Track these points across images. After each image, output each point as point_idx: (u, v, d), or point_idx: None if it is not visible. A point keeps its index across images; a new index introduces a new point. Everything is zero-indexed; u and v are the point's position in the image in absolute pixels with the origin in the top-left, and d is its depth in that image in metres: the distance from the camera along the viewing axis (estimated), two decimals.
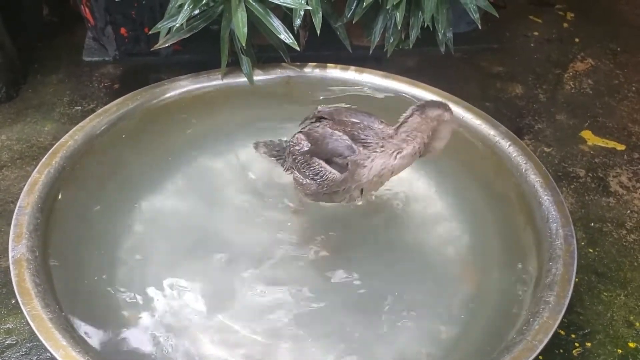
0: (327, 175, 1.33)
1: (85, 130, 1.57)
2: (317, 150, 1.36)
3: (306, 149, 1.39)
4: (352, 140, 1.34)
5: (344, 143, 1.33)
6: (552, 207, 1.42)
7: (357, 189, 1.37)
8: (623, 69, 2.43)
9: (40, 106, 2.08)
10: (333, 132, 1.36)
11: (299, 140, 1.41)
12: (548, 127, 2.13)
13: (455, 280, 1.49)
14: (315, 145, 1.37)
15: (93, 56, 1.96)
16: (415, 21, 1.80)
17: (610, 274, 1.66)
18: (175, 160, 1.71)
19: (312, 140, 1.39)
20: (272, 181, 1.67)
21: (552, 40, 2.58)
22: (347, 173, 1.33)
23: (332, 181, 1.33)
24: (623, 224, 1.80)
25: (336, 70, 1.84)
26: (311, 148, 1.37)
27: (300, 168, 1.39)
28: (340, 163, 1.34)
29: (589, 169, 1.97)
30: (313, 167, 1.35)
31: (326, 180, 1.33)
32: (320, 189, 1.36)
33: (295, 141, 1.43)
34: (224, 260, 1.51)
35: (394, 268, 1.51)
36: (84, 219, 1.49)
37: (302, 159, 1.38)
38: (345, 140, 1.34)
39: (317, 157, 1.36)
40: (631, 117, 2.19)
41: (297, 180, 1.42)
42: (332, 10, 1.86)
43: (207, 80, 1.79)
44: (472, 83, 2.28)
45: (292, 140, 1.44)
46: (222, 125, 1.78)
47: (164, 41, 1.74)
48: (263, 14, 1.70)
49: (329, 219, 1.59)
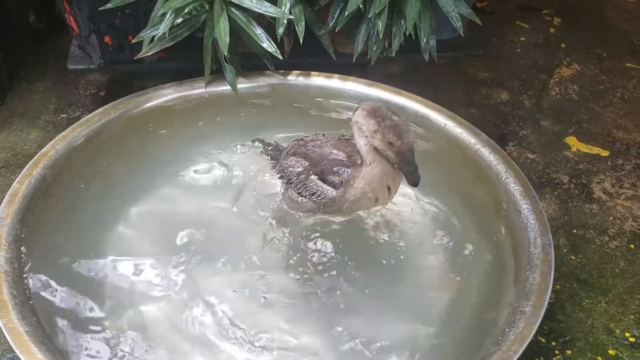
0: (326, 193, 1.36)
1: (67, 139, 1.57)
2: (315, 170, 1.39)
3: (300, 170, 1.41)
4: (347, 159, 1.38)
5: (340, 163, 1.37)
6: (530, 215, 1.43)
7: (348, 208, 1.38)
8: (608, 74, 2.44)
9: (26, 114, 2.09)
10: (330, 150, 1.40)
11: (292, 162, 1.45)
12: (533, 134, 2.13)
13: (434, 289, 1.50)
14: (311, 164, 1.40)
15: (78, 64, 1.96)
16: (397, 29, 1.81)
17: (591, 281, 1.67)
18: (159, 168, 1.71)
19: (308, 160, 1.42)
20: (256, 188, 1.68)
21: (538, 45, 2.59)
22: (340, 191, 1.36)
23: (328, 199, 1.36)
24: (605, 231, 1.81)
25: (320, 78, 1.84)
26: (307, 167, 1.40)
27: (295, 189, 1.41)
28: (335, 181, 1.37)
29: (572, 175, 1.98)
30: (309, 187, 1.38)
31: (323, 199, 1.36)
32: (316, 207, 1.39)
33: (289, 163, 1.45)
34: (208, 268, 1.51)
35: (375, 276, 1.51)
36: (66, 229, 1.49)
37: (297, 180, 1.41)
38: (341, 160, 1.38)
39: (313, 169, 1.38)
40: (615, 123, 2.20)
41: (292, 198, 1.43)
42: (315, 18, 1.87)
43: (190, 88, 1.80)
44: (457, 89, 2.29)
45: (286, 163, 1.46)
46: (205, 133, 1.78)
47: (147, 50, 1.74)
48: (246, 23, 1.71)
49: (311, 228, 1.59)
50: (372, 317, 1.44)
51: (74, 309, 1.36)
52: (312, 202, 1.40)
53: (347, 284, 1.50)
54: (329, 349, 1.37)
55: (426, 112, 1.73)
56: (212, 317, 1.42)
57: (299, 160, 1.44)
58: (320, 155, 1.40)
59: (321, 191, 1.36)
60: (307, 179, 1.39)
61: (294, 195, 1.43)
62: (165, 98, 1.76)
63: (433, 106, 1.74)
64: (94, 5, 1.76)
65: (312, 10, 1.86)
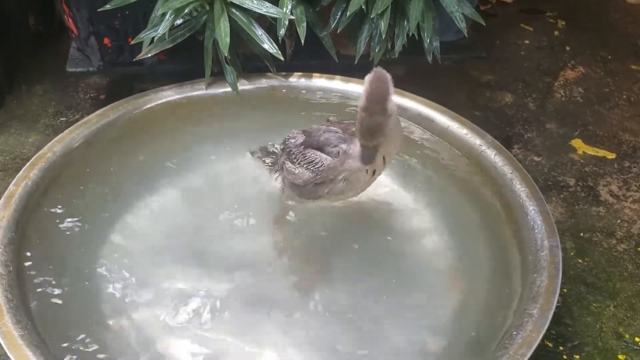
0: (322, 161, 1.36)
1: (64, 142, 1.55)
2: (311, 141, 1.41)
3: (301, 141, 1.43)
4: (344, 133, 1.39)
5: (336, 135, 1.38)
6: (537, 217, 1.40)
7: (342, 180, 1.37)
8: (614, 77, 2.42)
9: (25, 117, 2.07)
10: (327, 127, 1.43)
11: (294, 134, 1.47)
12: (538, 136, 2.11)
13: (442, 292, 1.47)
14: (309, 136, 1.42)
15: (77, 67, 1.94)
16: (400, 30, 1.79)
17: (599, 285, 1.64)
18: (158, 171, 1.68)
19: (306, 134, 1.45)
20: (257, 192, 1.65)
21: (542, 48, 2.57)
22: (338, 160, 1.35)
23: (326, 167, 1.36)
24: (613, 234, 1.78)
25: (322, 79, 1.82)
26: (305, 139, 1.42)
27: (294, 160, 1.42)
28: (332, 152, 1.38)
29: (579, 178, 1.95)
30: (307, 157, 1.39)
31: (320, 166, 1.36)
32: (313, 177, 1.38)
33: (291, 135, 1.48)
34: (205, 275, 1.48)
35: (380, 280, 1.48)
36: (63, 232, 1.46)
37: (297, 151, 1.42)
38: (337, 133, 1.38)
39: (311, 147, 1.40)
40: (622, 125, 2.17)
41: (289, 170, 1.43)
42: (317, 19, 1.84)
43: (191, 90, 1.77)
44: (461, 92, 2.26)
45: (287, 135, 1.49)
46: (206, 135, 1.76)
47: (147, 51, 1.72)
48: (246, 24, 1.68)
49: (313, 230, 1.57)
50: (377, 325, 1.41)
51: (70, 314, 1.33)
52: (309, 171, 1.39)
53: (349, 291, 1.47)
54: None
55: (430, 114, 1.71)
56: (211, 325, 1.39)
57: (299, 133, 1.46)
58: (319, 129, 1.42)
59: (319, 159, 1.37)
60: (305, 149, 1.41)
61: (292, 167, 1.42)
62: (166, 100, 1.74)
63: (436, 107, 1.72)
64: (93, 7, 1.73)
65: (313, 11, 1.84)
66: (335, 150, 1.36)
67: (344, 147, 1.35)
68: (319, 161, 1.37)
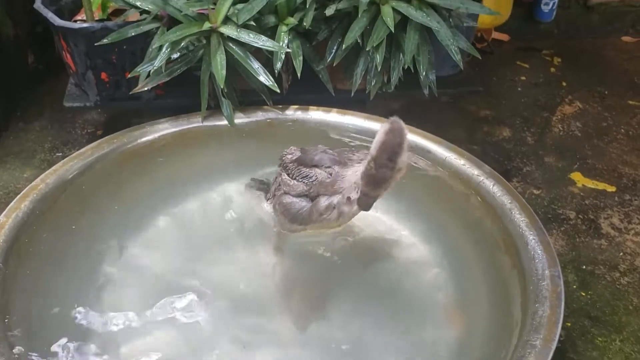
0: (316, 175, 1.37)
1: (58, 173, 1.53)
2: (305, 159, 1.42)
3: (296, 158, 1.45)
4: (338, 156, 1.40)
5: (331, 157, 1.39)
6: (537, 247, 1.37)
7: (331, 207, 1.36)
8: (611, 111, 2.42)
9: (21, 153, 2.06)
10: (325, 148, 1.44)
11: (291, 150, 1.49)
12: (537, 170, 2.09)
13: (442, 326, 1.43)
14: (304, 154, 1.45)
15: (74, 102, 1.94)
16: (396, 63, 1.79)
17: (604, 318, 1.59)
18: (153, 204, 1.66)
19: (302, 151, 1.47)
20: (251, 224, 1.62)
21: (539, 84, 2.58)
22: (330, 179, 1.35)
23: (318, 182, 1.37)
24: (616, 267, 1.74)
25: (318, 112, 1.82)
26: (300, 156, 1.44)
27: (289, 173, 1.44)
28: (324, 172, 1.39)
29: (579, 210, 1.93)
30: (302, 171, 1.40)
31: (314, 180, 1.37)
32: (307, 189, 1.39)
33: (288, 150, 1.50)
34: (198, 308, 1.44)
35: (378, 314, 1.44)
36: (53, 263, 1.43)
37: (292, 166, 1.43)
38: (332, 156, 1.39)
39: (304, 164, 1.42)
40: (621, 159, 2.16)
41: (285, 182, 1.44)
42: (313, 54, 1.86)
43: (187, 123, 1.77)
44: (458, 126, 2.26)
45: (285, 151, 1.51)
46: (201, 168, 1.75)
47: (143, 84, 1.73)
48: (243, 57, 1.69)
49: (310, 263, 1.54)
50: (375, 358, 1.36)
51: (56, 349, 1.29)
52: (303, 183, 1.39)
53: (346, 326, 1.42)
54: None
55: (427, 145, 1.70)
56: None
57: (296, 149, 1.48)
58: (316, 149, 1.44)
59: (312, 174, 1.39)
60: (299, 166, 1.42)
61: (288, 179, 1.43)
62: (161, 133, 1.73)
63: (433, 139, 1.71)
64: (90, 41, 1.75)
65: (309, 45, 1.85)
66: (327, 172, 1.37)
67: (336, 169, 1.36)
68: (313, 175, 1.38)
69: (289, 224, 1.45)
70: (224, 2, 1.67)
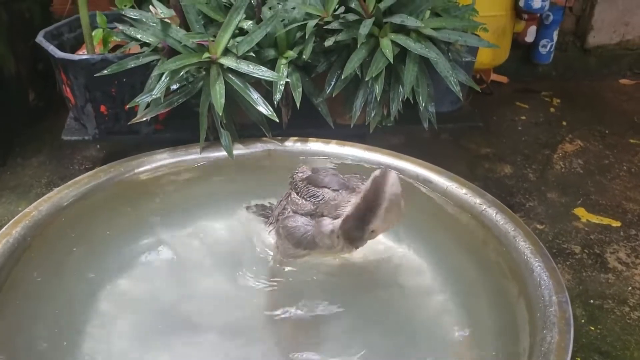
0: (323, 195, 1.36)
1: (52, 200, 1.50)
2: (315, 179, 1.41)
3: (307, 175, 1.44)
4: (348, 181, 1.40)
5: (340, 181, 1.38)
6: (543, 273, 1.32)
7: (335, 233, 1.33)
8: (612, 149, 2.41)
9: (17, 187, 2.04)
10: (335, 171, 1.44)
11: (302, 168, 1.48)
12: (539, 205, 2.06)
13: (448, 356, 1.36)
14: (315, 173, 1.44)
15: (72, 135, 1.93)
16: (395, 95, 1.79)
17: (615, 353, 1.53)
18: (148, 235, 1.63)
19: (313, 171, 1.46)
20: (251, 254, 1.58)
21: (539, 123, 2.59)
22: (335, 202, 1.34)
23: (325, 200, 1.36)
24: (625, 301, 1.69)
25: (318, 143, 1.80)
26: (310, 176, 1.43)
27: (298, 192, 1.42)
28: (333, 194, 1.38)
29: (584, 245, 1.88)
30: (311, 190, 1.39)
31: (321, 200, 1.36)
32: (313, 209, 1.37)
33: (299, 169, 1.49)
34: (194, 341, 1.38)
35: (384, 344, 1.38)
36: (44, 293, 1.38)
37: (302, 184, 1.42)
38: (341, 180, 1.39)
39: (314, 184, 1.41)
40: (625, 195, 2.13)
41: (294, 201, 1.42)
42: (313, 87, 1.86)
43: (185, 154, 1.75)
44: (459, 163, 2.24)
45: (296, 169, 1.50)
46: (199, 200, 1.72)
47: (142, 114, 1.72)
48: (242, 88, 1.69)
49: (311, 290, 1.49)
50: None
51: None
52: (311, 203, 1.37)
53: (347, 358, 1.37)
54: None
55: (427, 175, 1.67)
56: None
57: (307, 169, 1.47)
58: (326, 172, 1.43)
59: (320, 193, 1.37)
60: (309, 184, 1.41)
61: (296, 198, 1.41)
62: (159, 163, 1.71)
63: (434, 168, 1.68)
64: (90, 74, 1.75)
65: (309, 78, 1.85)
66: (334, 195, 1.35)
67: (343, 193, 1.34)
68: (320, 195, 1.36)
69: (292, 249, 1.41)
70: (224, 35, 1.68)
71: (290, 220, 1.40)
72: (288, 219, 1.40)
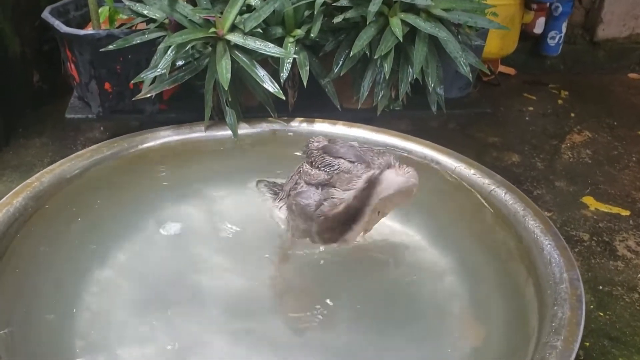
0: (339, 165, 1.34)
1: (54, 173, 1.48)
2: (331, 149, 1.40)
3: (324, 145, 1.42)
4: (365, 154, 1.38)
5: (356, 153, 1.36)
6: (554, 251, 1.29)
7: (358, 194, 1.32)
8: (621, 141, 2.38)
9: (19, 167, 2.02)
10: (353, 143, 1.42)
11: (318, 138, 1.46)
12: (548, 193, 2.03)
13: (456, 338, 1.34)
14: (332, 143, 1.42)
15: (76, 114, 1.90)
16: (404, 75, 1.77)
17: (625, 339, 1.50)
18: (151, 211, 1.60)
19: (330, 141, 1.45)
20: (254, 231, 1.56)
21: (547, 114, 2.56)
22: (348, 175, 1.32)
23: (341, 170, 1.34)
24: (634, 288, 1.65)
25: (324, 124, 1.78)
26: (326, 145, 1.41)
27: (312, 162, 1.40)
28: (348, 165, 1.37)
29: (593, 233, 1.85)
30: (326, 159, 1.37)
31: (336, 169, 1.34)
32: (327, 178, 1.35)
33: (315, 138, 1.47)
34: (195, 314, 1.36)
35: (391, 325, 1.36)
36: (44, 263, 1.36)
37: (317, 153, 1.40)
38: (357, 151, 1.37)
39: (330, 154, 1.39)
40: (634, 185, 2.10)
41: (306, 172, 1.40)
42: (320, 67, 1.84)
43: (189, 132, 1.73)
44: (466, 151, 2.15)
45: (311, 139, 1.48)
46: (202, 177, 1.70)
47: (147, 90, 1.70)
48: (249, 65, 1.67)
49: (317, 272, 1.46)
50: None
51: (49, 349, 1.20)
52: (325, 172, 1.35)
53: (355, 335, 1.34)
54: None
55: (435, 156, 1.65)
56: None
57: (323, 139, 1.45)
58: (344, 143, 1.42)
59: (335, 163, 1.35)
60: (324, 154, 1.39)
61: (309, 169, 1.39)
62: (163, 140, 1.69)
63: (442, 149, 1.66)
64: (95, 49, 1.73)
65: (316, 58, 1.83)
66: (350, 166, 1.34)
67: (358, 166, 1.33)
68: (336, 164, 1.35)
69: (303, 224, 1.38)
70: (231, 10, 1.66)
71: (302, 198, 1.37)
72: (300, 196, 1.37)
